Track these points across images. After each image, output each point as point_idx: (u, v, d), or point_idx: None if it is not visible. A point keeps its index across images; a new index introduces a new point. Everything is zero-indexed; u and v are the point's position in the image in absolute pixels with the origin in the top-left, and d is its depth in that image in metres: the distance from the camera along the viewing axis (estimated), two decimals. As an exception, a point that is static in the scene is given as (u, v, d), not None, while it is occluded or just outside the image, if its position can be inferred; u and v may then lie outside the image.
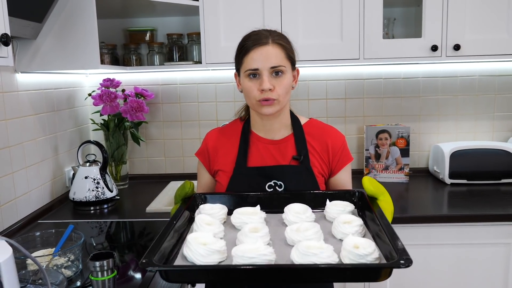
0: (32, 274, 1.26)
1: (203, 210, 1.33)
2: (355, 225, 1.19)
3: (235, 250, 1.05)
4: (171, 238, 1.15)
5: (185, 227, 1.28)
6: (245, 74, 1.41)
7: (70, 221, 2.02)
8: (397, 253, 0.98)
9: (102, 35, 2.25)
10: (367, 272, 1.02)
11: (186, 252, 1.07)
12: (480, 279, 2.06)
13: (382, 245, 1.08)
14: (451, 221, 2.01)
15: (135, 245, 1.81)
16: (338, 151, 1.50)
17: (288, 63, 1.41)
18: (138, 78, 2.69)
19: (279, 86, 1.38)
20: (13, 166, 1.90)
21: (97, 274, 1.15)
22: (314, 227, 1.17)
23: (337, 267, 1.02)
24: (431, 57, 2.25)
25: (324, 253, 1.02)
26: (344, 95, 2.68)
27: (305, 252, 1.02)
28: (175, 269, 1.05)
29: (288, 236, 1.16)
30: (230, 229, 1.28)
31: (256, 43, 1.39)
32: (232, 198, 1.42)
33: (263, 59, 1.37)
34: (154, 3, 2.24)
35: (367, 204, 1.32)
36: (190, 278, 1.12)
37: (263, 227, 1.19)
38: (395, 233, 1.09)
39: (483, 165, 2.43)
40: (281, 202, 1.35)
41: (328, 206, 1.33)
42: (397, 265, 0.94)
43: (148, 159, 2.78)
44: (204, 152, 1.55)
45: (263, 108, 1.39)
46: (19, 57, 1.97)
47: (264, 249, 1.03)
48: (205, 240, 1.09)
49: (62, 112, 2.35)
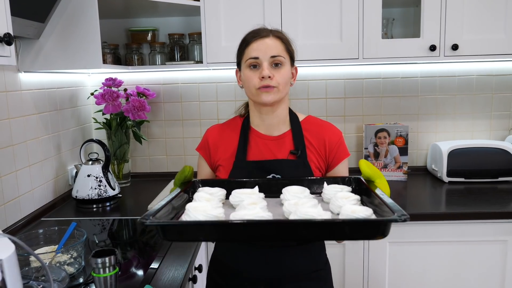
0: (35, 271, 1.27)
1: (201, 191, 1.33)
2: (352, 199, 1.19)
3: (234, 215, 1.07)
4: (169, 213, 1.16)
5: (182, 207, 1.26)
6: (246, 64, 1.44)
7: (73, 219, 2.04)
8: (394, 212, 1.00)
9: (105, 35, 2.28)
10: (365, 227, 1.02)
11: (185, 219, 1.09)
12: (478, 276, 2.08)
13: (381, 215, 1.08)
14: (449, 218, 2.03)
15: (137, 242, 1.83)
16: (334, 146, 1.52)
17: (287, 56, 1.45)
18: (140, 78, 2.71)
19: (279, 75, 1.42)
20: (17, 164, 1.92)
21: (99, 271, 1.16)
22: (312, 201, 1.17)
23: (334, 222, 1.03)
24: (429, 57, 2.26)
25: (322, 217, 1.04)
26: (344, 95, 2.70)
27: (303, 216, 1.04)
28: (174, 224, 1.06)
29: (287, 210, 1.16)
30: (229, 208, 1.28)
31: (257, 36, 1.45)
32: (230, 184, 1.41)
33: (263, 49, 1.42)
34: (156, 4, 2.26)
35: (364, 189, 1.31)
36: (188, 236, 1.12)
37: (262, 202, 1.19)
38: (397, 204, 1.07)
39: (480, 164, 2.45)
40: (279, 188, 1.34)
41: (325, 188, 1.32)
42: (394, 219, 0.96)
43: (150, 157, 2.81)
44: (205, 147, 1.57)
45: (262, 95, 1.42)
46: (22, 57, 1.98)
47: (263, 213, 1.05)
48: (204, 208, 1.10)
49: (65, 111, 2.37)
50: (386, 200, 1.11)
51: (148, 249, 1.73)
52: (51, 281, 1.07)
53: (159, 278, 1.42)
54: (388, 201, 1.09)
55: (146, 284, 1.35)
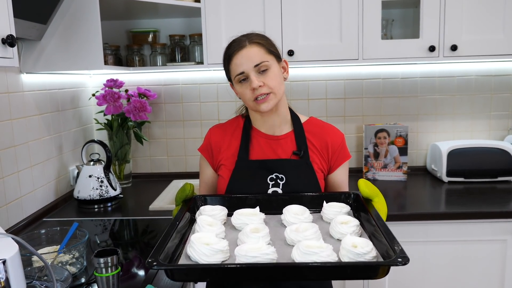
0: (37, 271, 1.28)
1: (203, 211, 1.35)
2: (352, 225, 1.22)
3: (238, 250, 1.08)
4: (174, 238, 1.18)
5: (186, 228, 1.31)
6: (235, 80, 1.46)
7: (75, 219, 2.04)
8: (394, 251, 1.02)
9: (106, 36, 2.28)
10: (366, 270, 1.05)
11: (190, 252, 1.10)
12: (477, 275, 2.09)
13: (378, 245, 1.12)
14: (449, 218, 2.04)
15: (139, 242, 1.84)
16: (337, 148, 1.53)
17: (271, 57, 1.45)
18: (141, 79, 2.72)
19: (269, 80, 1.42)
20: (19, 165, 1.93)
21: (101, 271, 1.16)
22: (312, 227, 1.20)
23: (338, 265, 1.05)
24: (428, 58, 2.27)
25: (324, 252, 1.05)
26: (344, 95, 2.71)
27: (306, 251, 1.05)
28: (181, 268, 1.07)
29: (288, 236, 1.19)
30: (231, 229, 1.31)
31: (235, 49, 1.44)
32: (231, 200, 1.45)
33: (245, 61, 1.42)
34: (156, 5, 2.26)
35: (362, 205, 1.36)
36: (195, 277, 1.15)
37: (264, 228, 1.22)
38: (391, 232, 1.13)
39: (479, 163, 2.46)
40: (279, 204, 1.39)
41: (325, 207, 1.36)
42: (394, 262, 0.99)
43: (151, 158, 2.82)
44: (207, 148, 1.58)
45: (260, 106, 1.43)
46: (24, 58, 2.00)
47: (266, 249, 1.07)
48: (208, 240, 1.12)
49: (67, 112, 2.38)
50: (386, 234, 1.14)
51: (150, 249, 1.73)
52: (54, 280, 1.07)
53: (160, 278, 1.44)
54: (388, 238, 1.11)
55: (147, 284, 1.36)
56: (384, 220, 1.28)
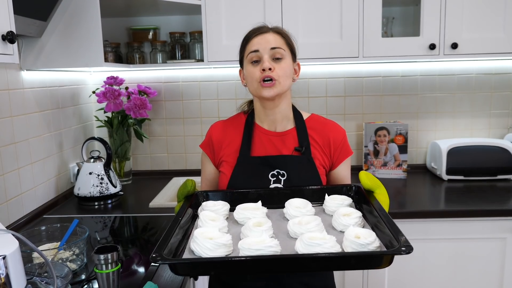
0: (38, 267, 1.27)
1: (206, 207, 1.36)
2: (354, 217, 1.22)
3: (242, 243, 1.08)
4: (176, 234, 1.18)
5: (189, 223, 1.31)
6: (247, 60, 1.46)
7: (75, 216, 2.05)
8: (398, 241, 1.03)
9: (106, 33, 2.28)
10: (371, 259, 1.06)
11: (194, 247, 1.10)
12: (477, 273, 2.10)
13: (381, 235, 1.12)
14: (448, 216, 2.04)
15: (139, 239, 1.84)
16: (339, 145, 1.54)
17: (287, 49, 1.47)
18: (141, 76, 2.73)
19: (279, 68, 1.43)
20: (19, 162, 1.93)
21: (101, 267, 1.16)
22: (315, 220, 1.21)
23: (342, 255, 1.05)
24: (429, 56, 2.27)
25: (328, 243, 1.05)
26: (344, 93, 2.71)
27: (309, 243, 1.06)
28: (185, 262, 1.08)
29: (291, 229, 1.20)
30: (233, 224, 1.31)
31: (257, 32, 1.47)
32: (233, 195, 1.45)
33: (263, 43, 1.44)
34: (157, 2, 2.26)
35: (364, 197, 1.36)
36: (199, 271, 1.15)
37: (266, 221, 1.22)
38: (395, 223, 1.13)
39: (479, 162, 2.46)
40: (281, 198, 1.39)
41: (327, 200, 1.37)
42: (398, 251, 0.99)
43: (151, 155, 2.82)
44: (209, 144, 1.58)
45: (264, 90, 1.43)
46: (24, 55, 2.00)
47: (270, 241, 1.07)
48: (211, 234, 1.12)
49: (67, 109, 2.39)
50: (389, 224, 1.15)
51: (150, 246, 1.74)
52: (54, 277, 1.07)
53: (160, 275, 1.44)
54: (392, 228, 1.12)
55: (147, 280, 1.36)
56: (387, 211, 1.29)
